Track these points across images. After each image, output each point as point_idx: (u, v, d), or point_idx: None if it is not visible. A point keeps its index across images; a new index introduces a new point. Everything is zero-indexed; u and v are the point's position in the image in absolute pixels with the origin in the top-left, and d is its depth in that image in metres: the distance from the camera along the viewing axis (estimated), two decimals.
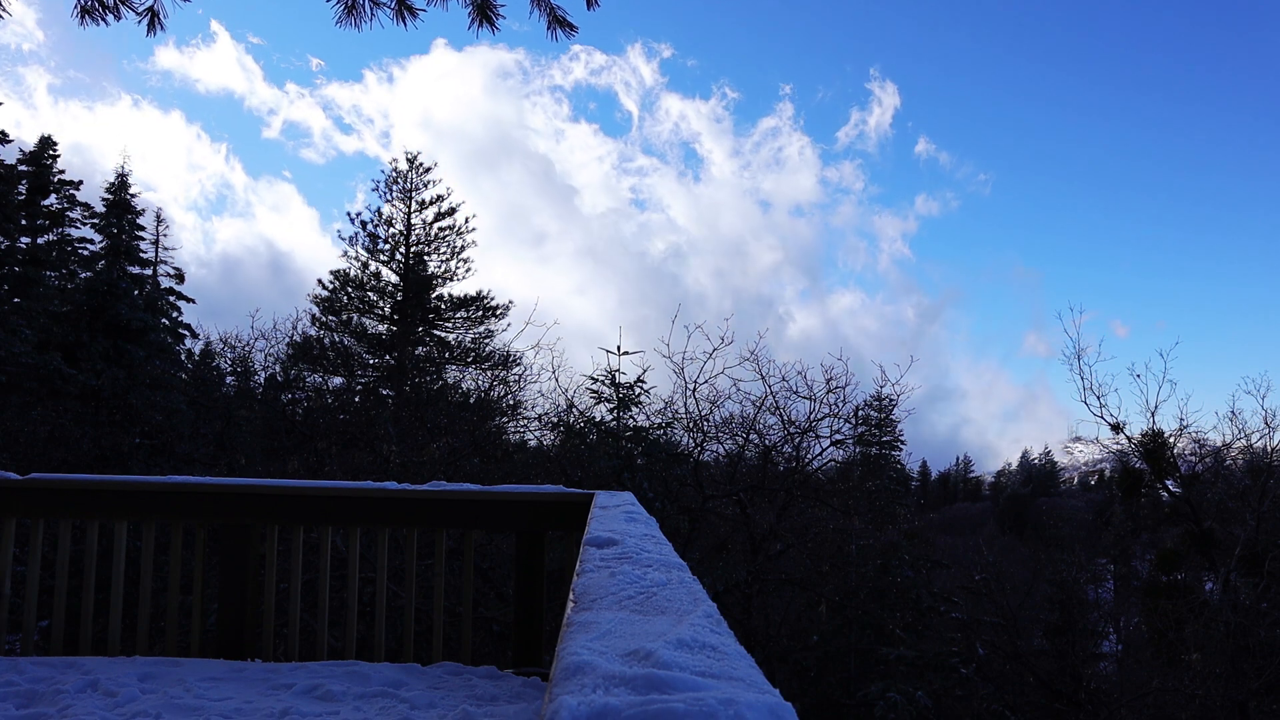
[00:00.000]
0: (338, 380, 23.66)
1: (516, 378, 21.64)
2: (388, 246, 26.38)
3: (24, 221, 23.94)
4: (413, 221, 26.74)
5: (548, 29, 4.58)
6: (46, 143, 25.02)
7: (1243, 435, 16.98)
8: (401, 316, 25.76)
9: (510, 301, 26.75)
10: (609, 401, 13.29)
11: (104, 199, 24.91)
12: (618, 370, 13.19)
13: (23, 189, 24.33)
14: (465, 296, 26.38)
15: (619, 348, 13.23)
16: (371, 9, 4.45)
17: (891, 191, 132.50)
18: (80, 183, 25.60)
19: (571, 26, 4.61)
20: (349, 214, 26.60)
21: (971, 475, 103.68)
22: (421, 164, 27.02)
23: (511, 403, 20.05)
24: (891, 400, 15.98)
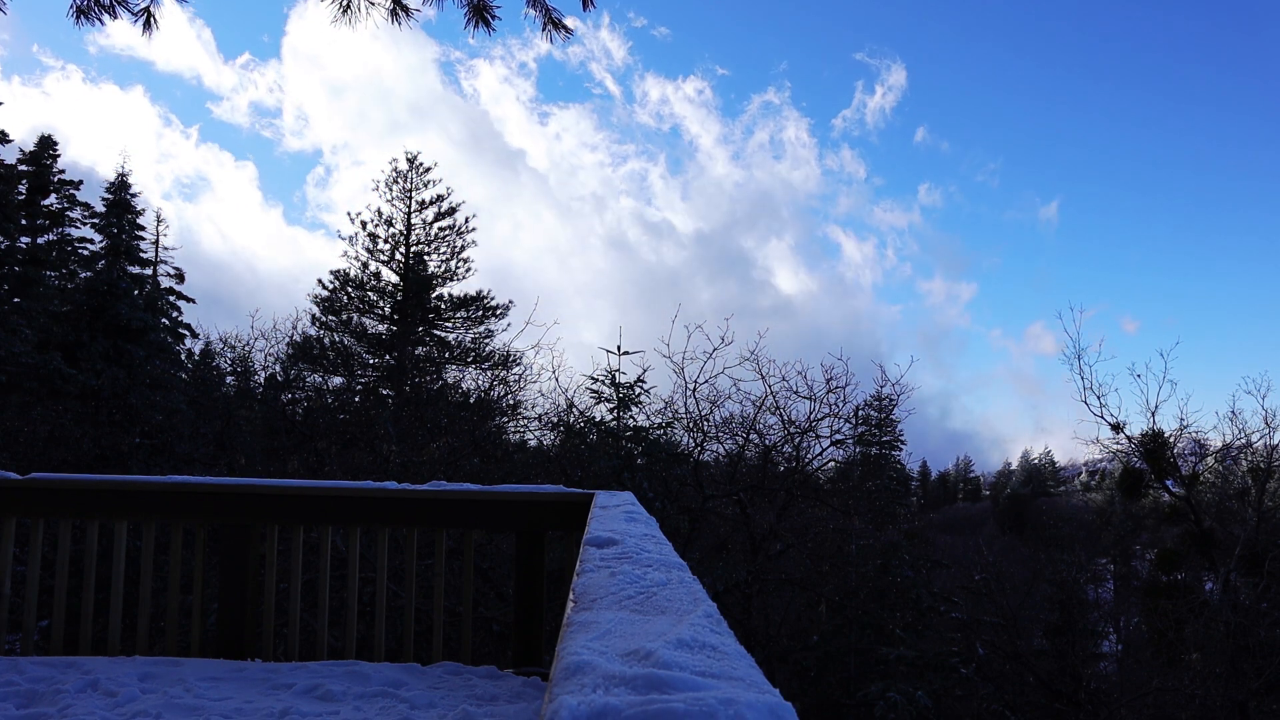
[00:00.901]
0: (338, 380, 23.67)
1: (516, 378, 21.63)
2: (388, 246, 26.38)
3: (24, 221, 23.93)
4: (413, 221, 26.74)
5: (543, 30, 4.58)
6: (46, 142, 24.99)
7: (1243, 435, 17.00)
8: (401, 316, 25.76)
9: (510, 301, 26.76)
10: (609, 401, 13.30)
11: (104, 199, 24.91)
12: (618, 370, 13.21)
13: (23, 189, 24.32)
14: (465, 296, 26.37)
15: (619, 347, 13.24)
16: (367, 9, 4.45)
17: (893, 181, 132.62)
18: (80, 182, 25.59)
19: (567, 29, 4.61)
20: (349, 214, 26.59)
21: (971, 475, 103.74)
22: (421, 164, 27.03)
23: (511, 403, 20.05)
24: (891, 400, 15.99)
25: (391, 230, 26.44)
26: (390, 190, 26.74)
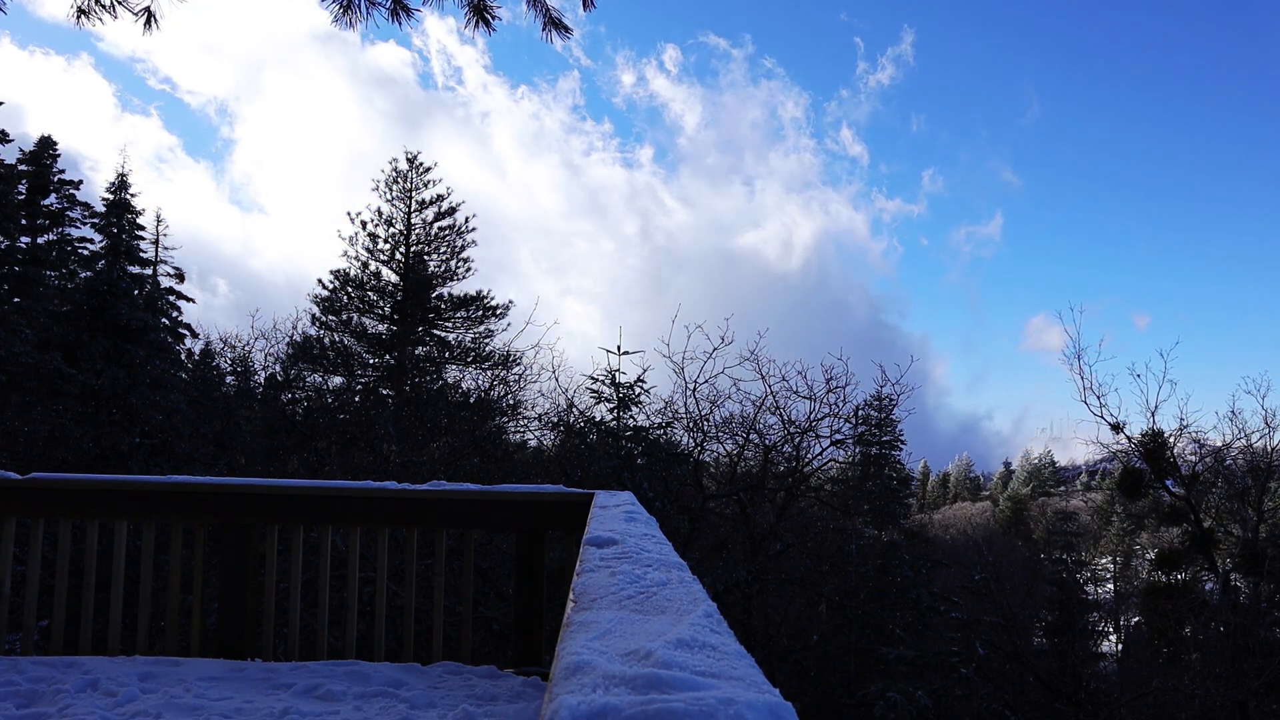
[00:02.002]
0: (338, 380, 23.66)
1: (516, 378, 21.63)
2: (388, 246, 26.37)
3: (24, 221, 23.92)
4: (413, 221, 26.72)
5: (542, 30, 4.57)
6: (46, 143, 24.99)
7: (1243, 435, 17.01)
8: (401, 316, 25.75)
9: (510, 301, 26.76)
10: (609, 401, 13.30)
11: (104, 199, 24.91)
12: (618, 370, 13.20)
13: (23, 189, 24.31)
14: (465, 296, 26.35)
15: (619, 347, 13.24)
16: (367, 8, 4.45)
17: (897, 172, 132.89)
18: (80, 182, 25.58)
19: (567, 29, 4.59)
20: (349, 213, 26.57)
21: (972, 475, 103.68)
22: (421, 164, 27.03)
23: (511, 403, 20.05)
24: (891, 400, 15.98)
25: (391, 230, 26.43)
26: (390, 190, 26.73)
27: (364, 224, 26.30)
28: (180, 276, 29.77)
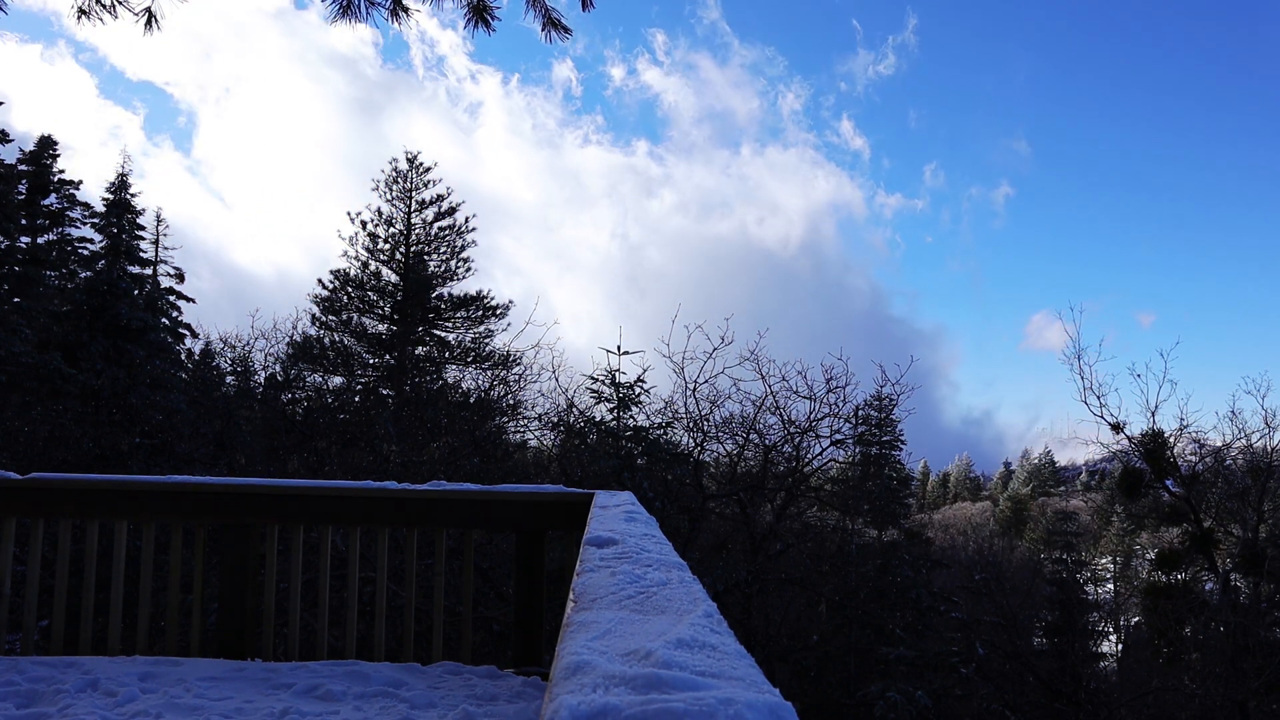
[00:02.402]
0: (338, 380, 23.66)
1: (516, 378, 21.63)
2: (388, 246, 26.37)
3: (24, 221, 23.92)
4: (413, 221, 26.72)
5: (542, 30, 4.56)
6: (46, 142, 25.00)
7: (1243, 435, 17.01)
8: (401, 316, 25.74)
9: (510, 301, 26.78)
10: (609, 401, 13.30)
11: (104, 199, 24.92)
12: (618, 370, 13.20)
13: (23, 189, 24.31)
14: (465, 296, 26.35)
15: (619, 347, 13.24)
16: (367, 8, 4.44)
17: (898, 166, 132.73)
18: (80, 182, 25.59)
19: (566, 29, 4.59)
20: (349, 213, 26.57)
21: (973, 475, 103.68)
22: (421, 164, 27.03)
23: (511, 403, 20.05)
24: (891, 400, 15.99)
25: (391, 230, 26.43)
26: (390, 190, 26.73)
27: (364, 224, 26.31)
28: (180, 276, 29.78)
